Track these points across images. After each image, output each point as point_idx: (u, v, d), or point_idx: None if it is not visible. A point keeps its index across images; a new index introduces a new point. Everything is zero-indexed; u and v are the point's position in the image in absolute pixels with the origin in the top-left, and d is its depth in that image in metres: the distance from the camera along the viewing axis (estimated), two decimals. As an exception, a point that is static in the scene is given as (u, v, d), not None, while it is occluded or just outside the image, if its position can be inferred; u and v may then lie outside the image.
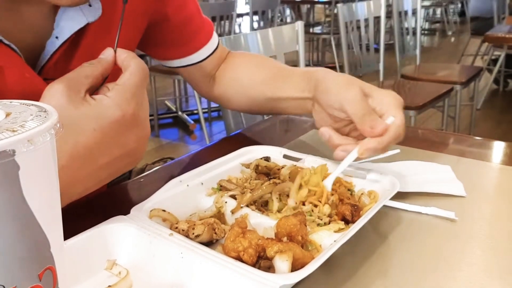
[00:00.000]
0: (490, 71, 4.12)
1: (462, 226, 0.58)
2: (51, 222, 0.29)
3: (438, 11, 8.25)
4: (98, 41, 0.62)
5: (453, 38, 7.42)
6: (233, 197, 0.60)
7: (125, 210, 0.53)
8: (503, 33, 2.95)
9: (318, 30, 5.42)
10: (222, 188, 0.63)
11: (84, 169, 0.49)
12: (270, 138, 0.93)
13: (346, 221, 0.56)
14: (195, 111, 3.75)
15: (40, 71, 0.61)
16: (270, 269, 0.45)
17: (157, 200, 0.57)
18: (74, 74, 0.50)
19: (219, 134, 3.48)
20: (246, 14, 4.74)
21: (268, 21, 4.58)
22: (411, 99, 2.34)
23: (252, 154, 0.71)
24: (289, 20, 6.94)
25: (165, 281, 0.47)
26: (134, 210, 0.54)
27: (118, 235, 0.50)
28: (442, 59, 5.72)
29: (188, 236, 0.50)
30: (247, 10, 4.33)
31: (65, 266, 0.31)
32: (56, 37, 0.60)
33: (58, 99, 0.48)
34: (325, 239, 0.52)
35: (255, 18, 4.85)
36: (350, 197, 0.61)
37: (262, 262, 0.46)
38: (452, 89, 2.60)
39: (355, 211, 0.56)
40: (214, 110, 3.78)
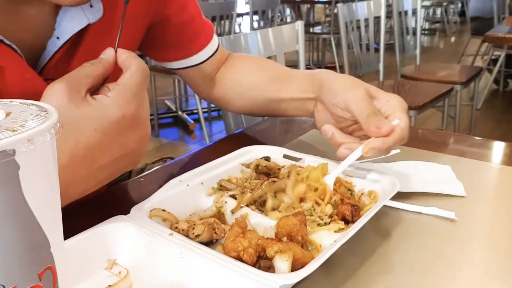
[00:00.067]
0: (490, 71, 4.12)
1: (462, 226, 0.58)
2: (51, 222, 0.29)
3: (438, 11, 8.24)
4: (99, 41, 0.62)
5: (453, 38, 7.42)
6: (233, 197, 0.60)
7: (125, 210, 0.53)
8: (503, 33, 2.95)
9: (318, 30, 5.41)
10: (222, 188, 0.63)
11: (84, 169, 0.49)
12: (270, 138, 0.93)
13: (346, 221, 0.56)
14: (195, 111, 3.75)
15: (40, 72, 0.60)
16: (270, 269, 0.45)
17: (157, 200, 0.56)
18: (74, 74, 0.50)
19: (219, 134, 3.47)
20: (246, 14, 4.74)
21: (268, 20, 4.57)
22: (411, 99, 2.34)
23: (252, 154, 0.71)
24: (289, 19, 6.93)
25: (165, 281, 0.47)
26: (134, 210, 0.54)
27: (118, 235, 0.50)
28: (442, 59, 5.72)
29: (188, 236, 0.50)
30: (247, 10, 4.33)
31: (65, 266, 0.31)
32: (57, 37, 0.60)
33: (59, 99, 0.48)
34: (325, 239, 0.52)
35: (255, 17, 4.85)
36: (350, 197, 0.61)
37: (262, 262, 0.46)
38: (452, 89, 2.60)
39: (355, 211, 0.56)
40: (214, 110, 3.78)
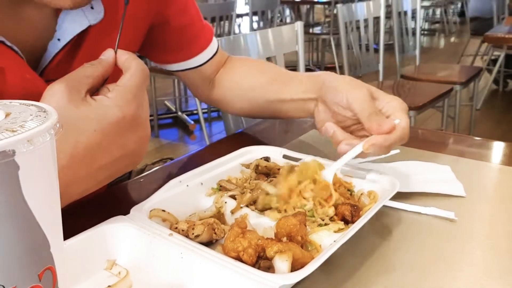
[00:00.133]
0: (490, 71, 4.12)
1: (462, 226, 0.58)
2: (51, 222, 0.29)
3: (438, 12, 8.24)
4: (100, 43, 0.62)
5: (452, 38, 7.42)
6: (232, 197, 0.60)
7: (125, 210, 0.53)
8: (503, 33, 2.95)
9: (317, 30, 5.41)
10: (221, 188, 0.63)
11: (84, 169, 0.49)
12: (270, 138, 0.93)
13: (345, 221, 0.56)
14: (195, 111, 3.75)
15: (41, 73, 0.60)
16: (269, 269, 0.45)
17: (157, 200, 0.56)
18: (74, 75, 0.50)
19: (219, 134, 3.47)
20: (246, 15, 4.74)
21: (267, 21, 4.57)
22: (411, 99, 2.34)
23: (252, 154, 0.71)
24: (288, 20, 6.93)
25: (165, 281, 0.47)
26: (134, 210, 0.54)
27: (118, 235, 0.50)
28: (442, 59, 5.73)
29: (188, 236, 0.50)
30: (247, 11, 4.33)
31: (64, 266, 0.31)
32: (58, 39, 0.60)
33: (59, 99, 0.48)
34: (324, 239, 0.52)
35: (255, 18, 4.84)
36: (350, 197, 0.61)
37: (262, 262, 0.46)
38: (451, 89, 2.60)
39: (355, 211, 0.56)
40: (214, 111, 3.77)
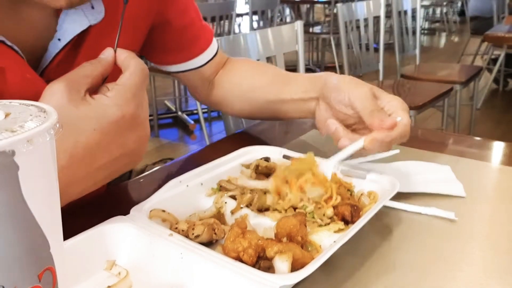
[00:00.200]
0: (490, 71, 4.12)
1: (462, 226, 0.58)
2: (51, 222, 0.29)
3: (438, 11, 8.24)
4: (100, 43, 0.62)
5: (452, 38, 7.42)
6: (233, 197, 0.60)
7: (125, 210, 0.53)
8: (503, 32, 2.95)
9: (317, 30, 5.40)
10: (222, 188, 0.63)
11: (83, 169, 0.49)
12: (270, 138, 0.93)
13: (345, 221, 0.56)
14: (195, 111, 3.75)
15: (42, 73, 0.60)
16: (270, 269, 0.45)
17: (157, 200, 0.56)
18: (74, 74, 0.50)
19: (219, 134, 3.47)
20: (246, 14, 4.73)
21: (267, 21, 4.57)
22: (411, 99, 2.34)
23: (252, 154, 0.71)
24: (288, 19, 6.93)
25: (165, 281, 0.47)
26: (134, 210, 0.54)
27: (117, 235, 0.50)
28: (442, 59, 5.72)
29: (188, 236, 0.50)
30: (247, 10, 4.32)
31: (64, 266, 0.31)
32: (58, 39, 0.60)
33: (58, 99, 0.47)
34: (324, 240, 0.52)
35: (255, 18, 4.84)
36: (350, 197, 0.61)
37: (262, 262, 0.46)
38: (452, 88, 2.60)
39: (355, 212, 0.56)
40: (214, 110, 3.77)
